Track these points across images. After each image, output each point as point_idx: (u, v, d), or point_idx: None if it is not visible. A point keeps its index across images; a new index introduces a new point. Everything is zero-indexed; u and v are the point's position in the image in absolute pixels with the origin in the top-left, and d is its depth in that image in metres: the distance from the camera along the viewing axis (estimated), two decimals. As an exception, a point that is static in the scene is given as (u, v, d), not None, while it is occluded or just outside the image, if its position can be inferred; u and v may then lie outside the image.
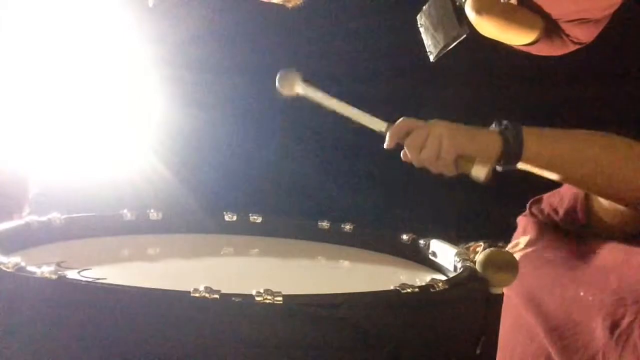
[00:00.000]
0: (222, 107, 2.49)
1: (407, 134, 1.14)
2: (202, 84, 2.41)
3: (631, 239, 1.12)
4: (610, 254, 1.10)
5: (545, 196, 1.30)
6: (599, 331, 1.01)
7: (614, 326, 1.00)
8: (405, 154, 1.15)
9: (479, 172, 1.11)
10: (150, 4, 1.99)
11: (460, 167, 1.12)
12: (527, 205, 1.33)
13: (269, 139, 2.57)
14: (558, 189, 1.25)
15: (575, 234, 1.20)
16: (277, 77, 1.24)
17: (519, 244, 1.25)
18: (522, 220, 1.34)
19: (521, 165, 1.11)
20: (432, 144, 1.10)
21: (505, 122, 1.11)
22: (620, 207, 1.14)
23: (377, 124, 1.20)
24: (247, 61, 2.47)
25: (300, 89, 1.24)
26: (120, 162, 2.31)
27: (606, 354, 1.00)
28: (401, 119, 1.16)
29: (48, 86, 2.15)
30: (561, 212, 1.24)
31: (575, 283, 1.10)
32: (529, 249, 1.21)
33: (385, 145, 1.17)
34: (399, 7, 2.25)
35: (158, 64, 2.36)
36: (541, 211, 1.29)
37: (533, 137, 1.10)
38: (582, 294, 1.07)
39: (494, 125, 1.13)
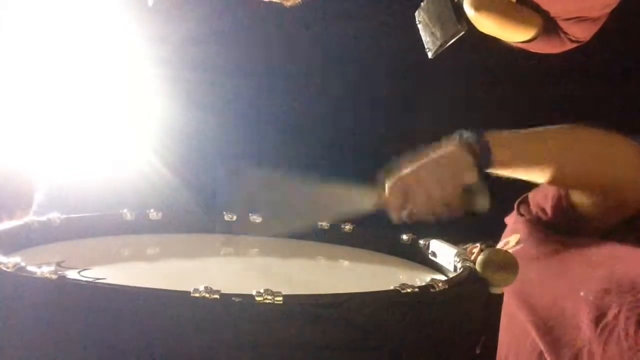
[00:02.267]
0: (222, 107, 2.49)
1: (404, 198, 1.13)
2: (202, 84, 2.41)
3: (621, 236, 1.12)
4: (599, 250, 1.11)
5: (531, 195, 1.31)
6: (585, 324, 1.02)
7: (599, 319, 1.00)
8: (410, 217, 1.15)
9: (483, 203, 1.13)
10: (150, 3, 1.99)
11: (464, 201, 1.13)
12: (515, 205, 1.34)
13: (268, 139, 2.57)
14: (540, 186, 1.26)
15: (565, 231, 1.20)
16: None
17: (508, 242, 1.25)
18: (510, 219, 1.35)
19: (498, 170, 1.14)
20: (435, 192, 1.11)
21: (466, 132, 1.14)
22: (599, 198, 1.16)
23: (368, 199, 1.16)
24: (247, 61, 2.47)
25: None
26: (120, 162, 2.31)
27: (592, 347, 1.00)
28: (387, 189, 1.15)
29: (48, 86, 2.15)
30: (548, 209, 1.25)
31: (565, 278, 1.10)
32: (519, 247, 1.22)
33: (395, 222, 1.16)
34: (398, 7, 2.25)
35: (158, 64, 2.36)
36: (529, 211, 1.30)
37: (500, 143, 1.13)
38: (564, 286, 1.08)
39: (458, 137, 1.15)
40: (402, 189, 1.14)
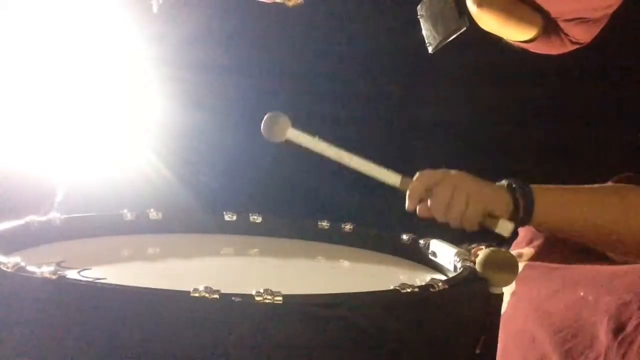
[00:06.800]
0: (223, 107, 2.49)
1: (428, 190, 1.12)
2: (202, 84, 2.41)
3: None
4: (618, 262, 1.10)
5: None
6: (602, 333, 1.01)
7: (619, 329, 1.00)
8: (422, 211, 1.14)
9: (505, 228, 1.10)
10: (155, 10, 1.99)
11: (483, 223, 1.12)
12: None
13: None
14: None
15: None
16: (263, 122, 1.19)
17: (522, 255, 1.25)
18: (522, 230, 1.34)
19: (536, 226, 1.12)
20: (459, 203, 1.10)
21: (516, 183, 1.13)
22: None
23: (389, 177, 1.15)
24: (247, 61, 2.47)
25: (290, 135, 1.19)
26: (120, 162, 2.31)
27: (608, 356, 1.00)
28: (417, 175, 1.14)
29: (49, 87, 2.15)
30: None
31: (579, 286, 1.10)
32: (535, 260, 1.21)
33: (407, 208, 1.15)
34: (399, 7, 2.25)
35: (158, 64, 2.36)
36: None
37: (543, 200, 1.11)
38: (582, 294, 1.07)
39: (505, 185, 1.13)
40: (429, 182, 1.12)
